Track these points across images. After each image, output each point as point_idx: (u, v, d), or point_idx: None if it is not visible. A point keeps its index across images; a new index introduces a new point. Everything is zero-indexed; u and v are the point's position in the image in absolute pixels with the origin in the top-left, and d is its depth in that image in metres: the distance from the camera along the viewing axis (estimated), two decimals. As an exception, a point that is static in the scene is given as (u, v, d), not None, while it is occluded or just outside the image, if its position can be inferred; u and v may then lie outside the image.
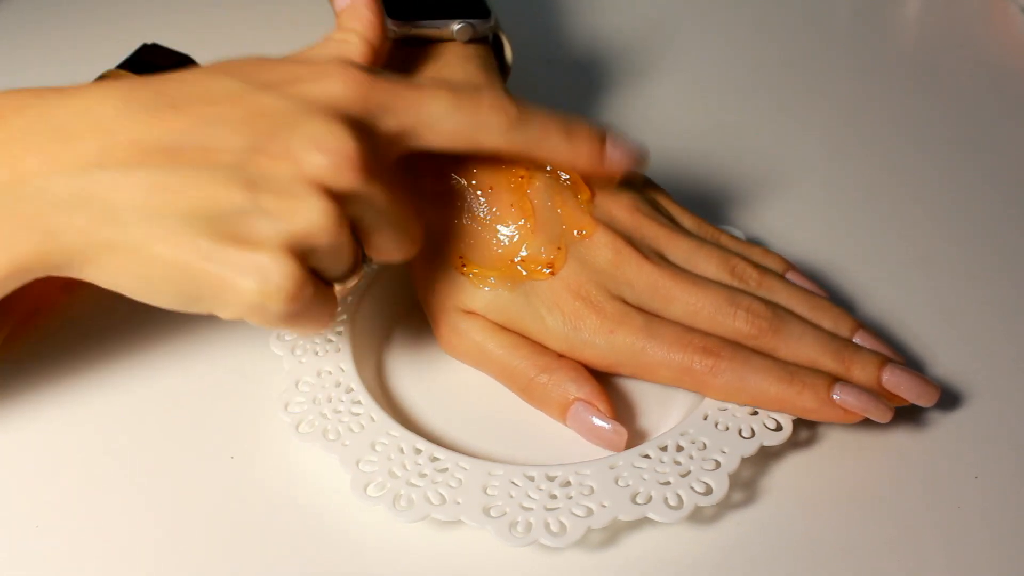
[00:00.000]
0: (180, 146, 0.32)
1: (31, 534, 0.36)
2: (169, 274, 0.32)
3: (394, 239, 0.36)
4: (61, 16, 0.66)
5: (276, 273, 0.32)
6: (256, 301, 0.32)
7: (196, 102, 0.33)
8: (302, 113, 0.33)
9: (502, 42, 0.47)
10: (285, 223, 0.32)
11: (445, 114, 0.35)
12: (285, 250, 0.32)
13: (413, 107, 0.35)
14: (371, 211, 0.34)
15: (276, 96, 0.33)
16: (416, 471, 0.36)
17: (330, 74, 0.34)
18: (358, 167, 0.32)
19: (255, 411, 0.40)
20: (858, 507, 0.37)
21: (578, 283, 0.39)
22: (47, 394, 0.41)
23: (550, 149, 0.38)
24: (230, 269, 0.32)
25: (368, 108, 0.34)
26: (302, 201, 0.32)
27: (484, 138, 0.36)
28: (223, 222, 0.32)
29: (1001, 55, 0.64)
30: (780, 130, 0.57)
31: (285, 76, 0.34)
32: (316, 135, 0.32)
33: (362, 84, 0.34)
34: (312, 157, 0.32)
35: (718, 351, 0.37)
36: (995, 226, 0.50)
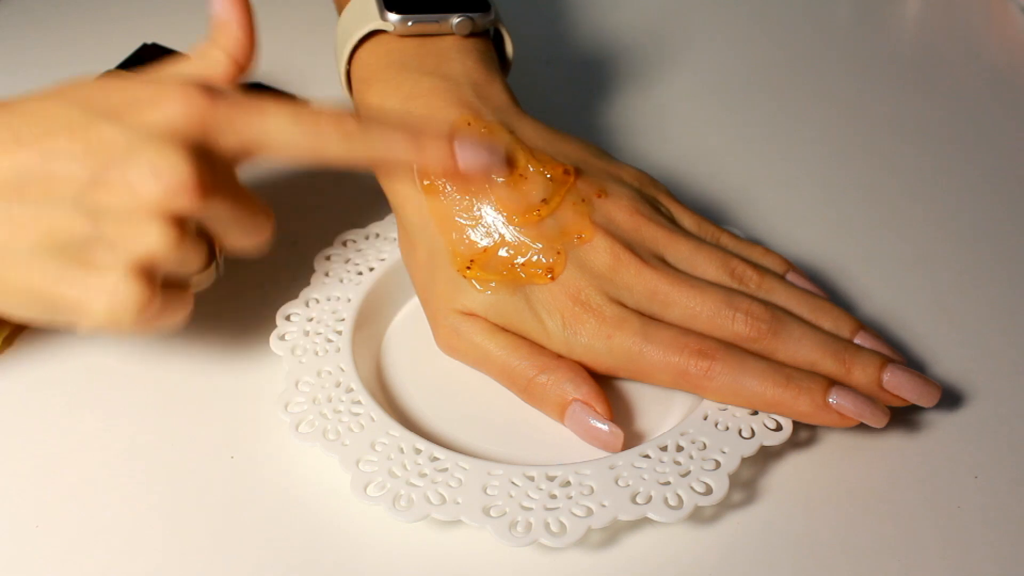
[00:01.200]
0: (24, 180, 0.33)
1: (31, 534, 0.36)
2: (28, 297, 0.35)
3: (243, 236, 0.37)
4: (61, 16, 0.66)
5: (123, 293, 0.34)
6: (108, 318, 0.34)
7: (38, 135, 0.34)
8: (139, 141, 0.34)
9: (503, 36, 0.46)
10: (126, 248, 0.34)
11: (284, 128, 0.36)
12: (129, 271, 0.34)
13: (253, 124, 0.36)
14: (216, 219, 0.36)
15: (114, 125, 0.34)
16: (416, 471, 0.36)
17: (169, 99, 0.35)
18: (193, 191, 0.34)
19: (255, 411, 0.40)
20: (858, 507, 0.37)
21: (577, 287, 0.39)
22: (47, 394, 0.41)
23: (397, 155, 0.38)
24: (81, 291, 0.34)
25: (206, 128, 0.35)
26: (140, 227, 0.34)
27: (327, 150, 0.37)
28: (70, 250, 0.34)
29: (1001, 55, 0.64)
30: (780, 130, 0.57)
31: (126, 101, 0.35)
32: (151, 164, 0.33)
33: (198, 106, 0.35)
34: (148, 185, 0.33)
35: (714, 354, 0.38)
36: (995, 226, 0.50)
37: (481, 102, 0.42)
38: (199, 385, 0.42)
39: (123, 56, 0.50)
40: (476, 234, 0.40)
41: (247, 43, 0.39)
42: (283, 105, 0.36)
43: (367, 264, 0.44)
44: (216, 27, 0.39)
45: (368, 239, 0.46)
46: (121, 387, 0.41)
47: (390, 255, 0.45)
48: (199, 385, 0.42)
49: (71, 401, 0.41)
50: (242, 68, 0.39)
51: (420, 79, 0.43)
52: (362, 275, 0.44)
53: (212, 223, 0.36)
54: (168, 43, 0.51)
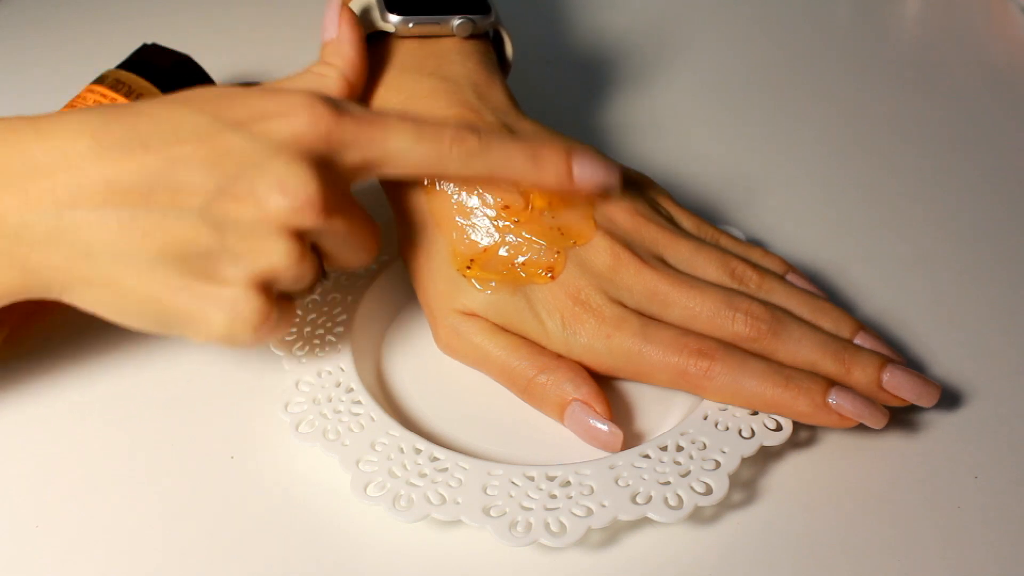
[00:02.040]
0: (150, 187, 0.33)
1: (31, 534, 0.36)
2: (143, 307, 0.34)
3: (353, 256, 0.38)
4: (61, 16, 0.66)
5: (244, 307, 0.34)
6: (226, 332, 0.35)
7: (165, 141, 0.34)
8: (266, 154, 0.34)
9: (503, 38, 0.47)
10: (250, 263, 0.34)
11: (408, 147, 0.36)
12: (251, 285, 0.34)
13: (376, 141, 0.36)
14: (331, 238, 0.36)
15: (242, 135, 0.34)
16: (416, 471, 0.36)
17: (295, 111, 0.35)
18: (318, 208, 0.34)
19: (255, 411, 0.40)
20: (858, 507, 0.37)
21: (577, 287, 0.39)
22: (47, 394, 0.41)
23: (516, 174, 0.38)
24: (201, 303, 0.34)
25: (331, 144, 0.35)
26: (266, 242, 0.34)
27: (447, 168, 0.37)
28: (193, 260, 0.34)
29: (1001, 55, 0.64)
30: (780, 130, 0.57)
31: (252, 112, 0.35)
32: (278, 178, 0.34)
33: (326, 121, 0.35)
34: (275, 200, 0.33)
35: (713, 354, 0.38)
36: (995, 226, 0.50)
37: (481, 103, 0.42)
38: (199, 385, 0.42)
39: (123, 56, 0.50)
40: (476, 234, 0.40)
41: (359, 62, 0.40)
42: (406, 122, 0.36)
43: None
44: (327, 47, 0.40)
45: (368, 239, 0.46)
46: (121, 387, 0.41)
47: (390, 255, 0.45)
48: (199, 385, 0.42)
49: (71, 401, 0.41)
50: (354, 88, 0.40)
51: (421, 80, 0.43)
52: (362, 275, 0.44)
53: (326, 239, 0.36)
54: (168, 43, 0.51)
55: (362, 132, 0.36)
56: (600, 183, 0.39)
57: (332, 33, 0.41)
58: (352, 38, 0.40)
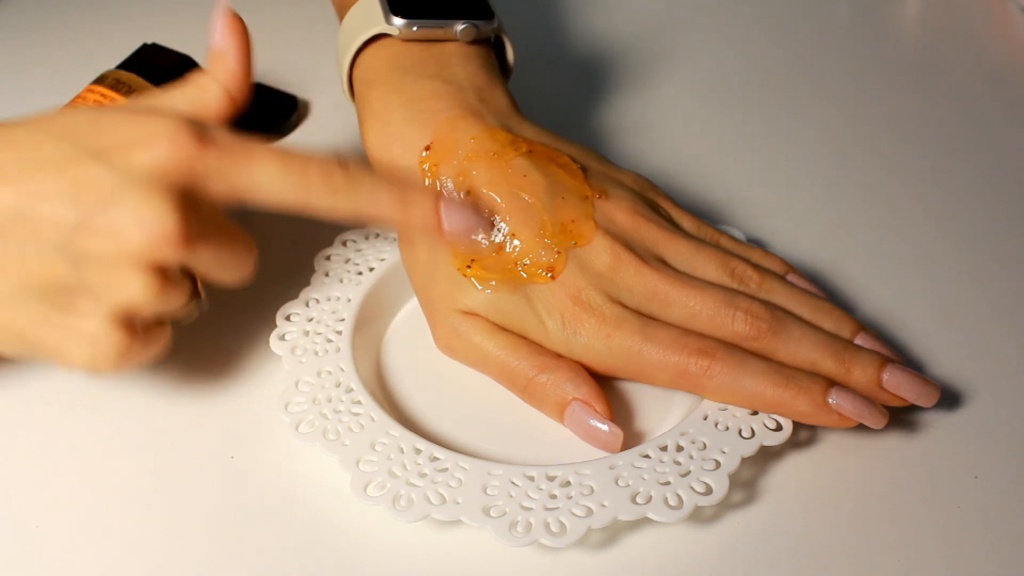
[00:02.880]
0: (9, 220, 0.33)
1: (31, 534, 0.36)
2: (9, 337, 0.35)
3: (227, 275, 0.37)
4: (61, 16, 0.66)
5: (103, 342, 0.34)
6: (88, 364, 0.35)
7: (26, 170, 0.33)
8: (125, 186, 0.33)
9: (504, 43, 0.47)
10: (108, 297, 0.34)
11: (272, 178, 0.35)
12: (110, 319, 0.34)
13: (241, 171, 0.35)
14: (200, 263, 0.36)
15: (102, 166, 0.33)
16: (416, 471, 0.36)
17: (158, 138, 0.34)
18: (177, 241, 0.34)
19: (255, 411, 0.40)
20: (858, 507, 0.37)
21: (577, 287, 0.39)
22: (47, 394, 0.41)
23: (382, 212, 0.37)
24: (62, 336, 0.34)
25: (193, 174, 0.34)
26: (124, 277, 0.34)
27: (313, 201, 0.36)
28: (52, 294, 0.34)
29: (1001, 55, 0.64)
30: (780, 130, 0.57)
31: (115, 140, 0.34)
32: (137, 211, 0.33)
33: (187, 149, 0.34)
34: (132, 234, 0.33)
35: (713, 352, 0.38)
36: (995, 226, 0.50)
37: (483, 106, 0.42)
38: (199, 385, 0.42)
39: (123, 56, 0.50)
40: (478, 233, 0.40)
41: (243, 76, 0.38)
42: (272, 153, 0.36)
43: (367, 264, 0.45)
44: (212, 57, 0.38)
45: (368, 239, 0.46)
46: (121, 387, 0.41)
47: (390, 255, 0.45)
48: (199, 385, 0.42)
49: (71, 401, 0.41)
50: (236, 102, 0.39)
51: (423, 83, 0.43)
52: (362, 275, 0.44)
53: (196, 267, 0.36)
54: (168, 43, 0.51)
55: (225, 162, 0.35)
56: (468, 229, 0.38)
57: (216, 39, 0.38)
58: (237, 49, 0.38)
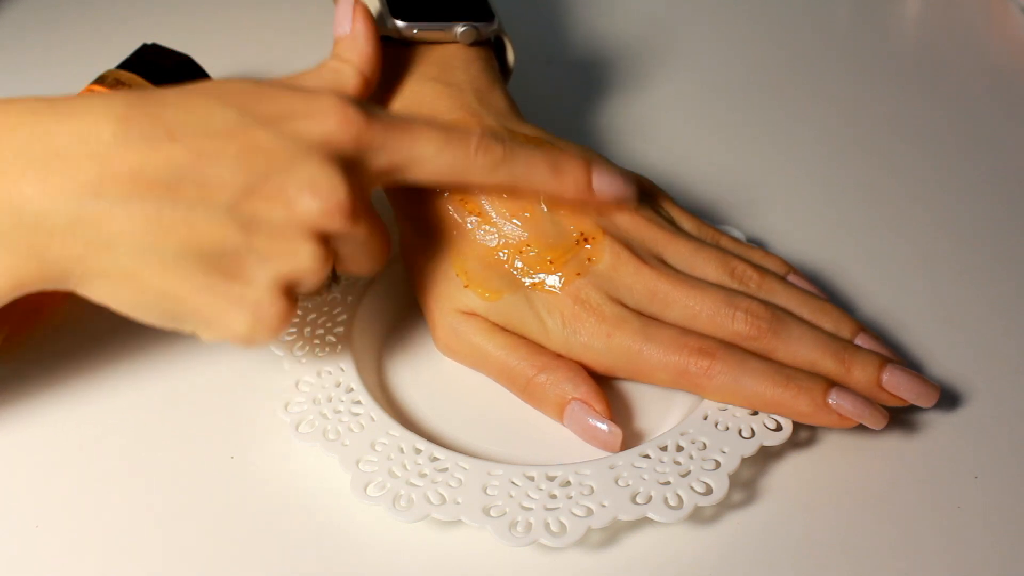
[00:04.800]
0: (177, 180, 0.32)
1: (31, 534, 0.36)
2: (161, 303, 0.33)
3: (366, 262, 0.37)
4: (61, 16, 0.66)
5: (268, 310, 0.34)
6: (247, 333, 0.34)
7: (194, 133, 0.33)
8: (297, 154, 0.33)
9: (504, 44, 0.47)
10: (277, 265, 0.33)
11: (434, 154, 0.36)
12: (276, 288, 0.34)
13: (404, 146, 0.36)
14: (351, 244, 0.35)
15: (272, 133, 0.33)
16: (416, 471, 0.36)
17: (325, 112, 0.34)
18: (347, 212, 0.34)
19: (255, 411, 0.40)
20: (858, 507, 0.37)
21: (577, 287, 0.39)
22: (47, 394, 0.41)
23: (537, 184, 0.38)
24: (223, 303, 0.33)
25: (360, 148, 0.35)
26: (294, 244, 0.33)
27: (471, 176, 0.37)
28: (218, 259, 0.33)
29: (1001, 55, 0.64)
30: (780, 130, 0.57)
31: (282, 110, 0.34)
32: (310, 179, 0.33)
33: (356, 123, 0.35)
34: (305, 202, 0.33)
35: (714, 352, 0.38)
36: (995, 226, 0.50)
37: (483, 108, 0.42)
38: (199, 385, 0.42)
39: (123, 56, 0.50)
40: (478, 234, 0.40)
41: (375, 57, 0.39)
42: (433, 128, 0.36)
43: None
44: (341, 42, 0.39)
45: (368, 239, 0.46)
46: (121, 387, 0.41)
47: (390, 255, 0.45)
48: (199, 385, 0.42)
49: (71, 401, 0.41)
50: (370, 83, 0.39)
51: (424, 85, 0.43)
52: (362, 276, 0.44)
53: (346, 245, 0.35)
54: (168, 43, 0.51)
55: (390, 137, 0.35)
56: (618, 195, 0.39)
57: (346, 29, 0.40)
58: (367, 33, 0.39)
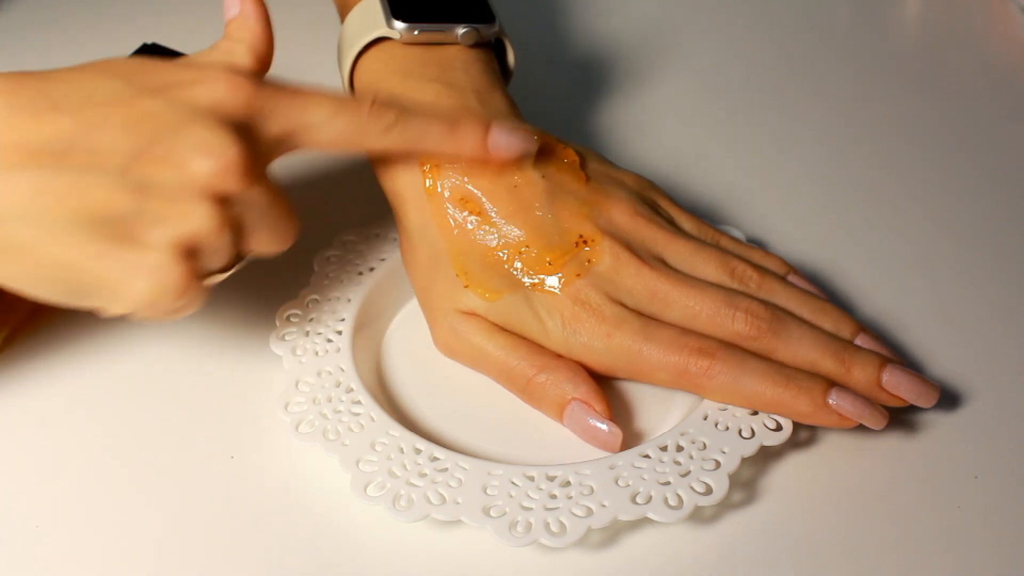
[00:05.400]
0: (65, 148, 0.32)
1: (31, 534, 0.36)
2: (59, 274, 0.33)
3: (270, 237, 0.36)
4: (61, 16, 0.66)
5: (167, 274, 0.33)
6: (149, 300, 0.33)
7: (80, 104, 0.32)
8: (187, 118, 0.33)
9: (505, 46, 0.47)
10: (174, 226, 0.33)
11: (327, 119, 0.36)
12: (174, 251, 0.33)
13: (295, 112, 0.35)
14: (251, 212, 0.35)
15: (160, 100, 0.33)
16: (416, 471, 0.36)
17: (214, 79, 0.34)
18: (242, 172, 0.33)
19: (255, 411, 0.40)
20: (858, 507, 0.37)
21: (577, 287, 0.39)
22: (47, 394, 0.41)
23: (432, 145, 0.38)
24: (122, 270, 0.32)
25: (251, 113, 0.34)
26: (189, 205, 0.33)
27: (366, 140, 0.37)
28: (112, 224, 0.32)
29: (1001, 55, 0.64)
30: (780, 130, 0.57)
31: (169, 80, 0.34)
32: (201, 140, 0.33)
33: (245, 89, 0.34)
34: (198, 162, 0.33)
35: (714, 352, 0.38)
36: (995, 226, 0.50)
37: (484, 109, 0.42)
38: (199, 385, 0.42)
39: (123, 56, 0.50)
40: (478, 234, 0.40)
41: (266, 35, 0.39)
42: (325, 95, 0.36)
43: (367, 264, 0.45)
44: (233, 23, 0.38)
45: (368, 239, 0.46)
46: (121, 387, 0.41)
47: (390, 255, 0.45)
48: (199, 385, 0.42)
49: (71, 401, 0.41)
50: (263, 61, 0.39)
51: (424, 86, 0.43)
52: (362, 275, 0.44)
53: (244, 219, 0.35)
54: (168, 43, 0.51)
55: (280, 103, 0.35)
56: (516, 152, 0.39)
57: (235, 11, 0.39)
58: (256, 13, 0.39)
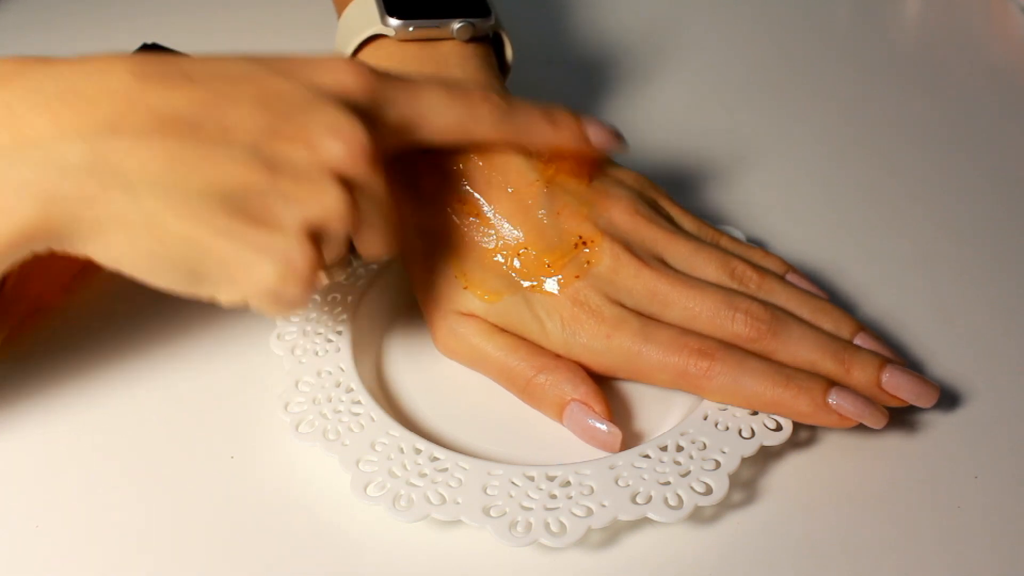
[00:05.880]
0: (198, 119, 0.31)
1: (31, 534, 0.36)
2: (181, 250, 0.31)
3: (381, 235, 0.36)
4: (61, 16, 0.66)
5: (298, 257, 0.32)
6: (274, 284, 0.32)
7: (212, 77, 0.32)
8: (316, 99, 0.33)
9: (502, 40, 0.47)
10: (305, 207, 0.32)
11: (441, 107, 0.37)
12: (304, 233, 0.32)
13: (413, 100, 0.37)
14: (370, 203, 0.34)
15: (291, 81, 0.33)
16: (416, 471, 0.36)
17: (339, 66, 0.35)
18: (370, 156, 0.33)
19: (255, 411, 0.40)
20: (858, 507, 0.37)
21: (576, 289, 0.39)
22: (47, 394, 0.41)
23: (537, 135, 0.39)
24: (249, 249, 0.31)
25: (375, 99, 0.35)
26: (320, 187, 0.32)
27: (477, 129, 0.38)
28: (241, 201, 0.31)
29: (1001, 55, 0.64)
30: (780, 130, 0.57)
31: (296, 65, 0.35)
32: (332, 122, 0.33)
33: (368, 76, 0.35)
34: (329, 143, 0.33)
35: (713, 353, 0.38)
36: (995, 226, 0.50)
37: None
38: (199, 385, 0.42)
39: (123, 56, 0.50)
40: (477, 236, 0.40)
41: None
42: (439, 86, 0.37)
43: (367, 264, 0.44)
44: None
45: (368, 239, 0.46)
46: (121, 387, 0.41)
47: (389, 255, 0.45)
48: (199, 385, 0.42)
49: (71, 401, 0.41)
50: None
51: None
52: (362, 275, 0.44)
53: (365, 203, 0.34)
54: (168, 43, 0.51)
55: (400, 91, 0.36)
56: (611, 143, 0.41)
57: None
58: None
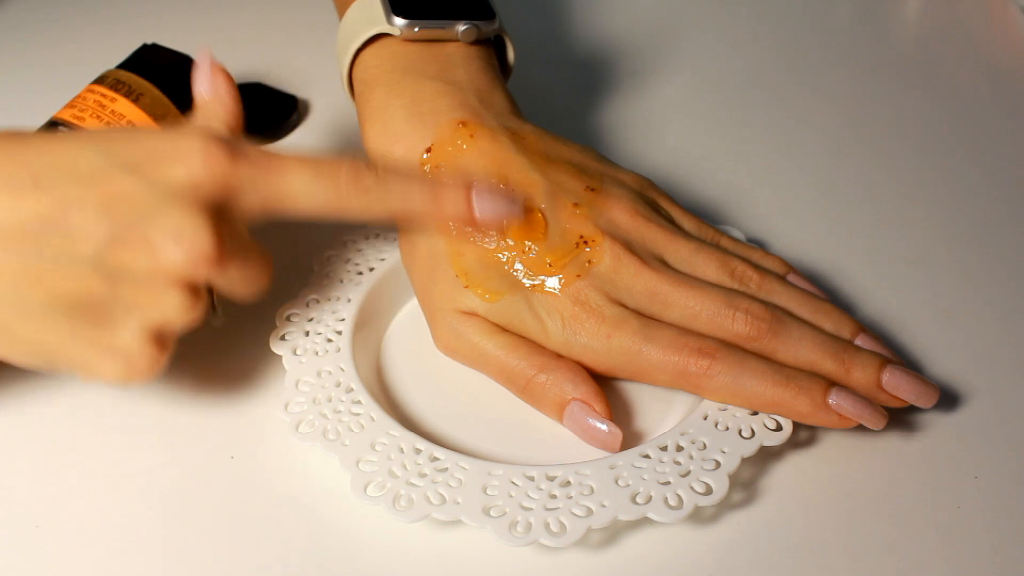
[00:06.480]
0: (42, 230, 0.32)
1: (31, 534, 0.36)
2: (32, 349, 0.34)
3: (245, 291, 0.37)
4: (61, 16, 0.66)
5: (138, 359, 0.34)
6: (119, 379, 0.35)
7: (59, 180, 0.33)
8: (161, 200, 0.33)
9: (505, 43, 0.47)
10: (144, 313, 0.34)
11: (304, 187, 0.35)
12: (145, 336, 0.34)
13: (272, 182, 0.35)
14: (225, 281, 0.36)
15: (137, 179, 0.33)
16: (416, 471, 0.36)
17: (192, 154, 0.34)
18: (212, 260, 0.33)
19: (255, 411, 0.40)
20: (858, 507, 0.37)
21: (577, 289, 0.39)
22: (47, 393, 0.41)
23: (416, 209, 0.37)
24: (94, 350, 0.34)
25: (228, 188, 0.34)
26: (159, 294, 0.34)
27: (347, 206, 0.36)
28: (86, 309, 0.33)
29: (1001, 55, 0.64)
30: (780, 130, 0.57)
31: (147, 152, 0.34)
32: (174, 228, 0.33)
33: (222, 165, 0.34)
34: (169, 251, 0.33)
35: (713, 353, 0.38)
36: (995, 226, 0.50)
37: (484, 107, 0.42)
38: (199, 386, 0.42)
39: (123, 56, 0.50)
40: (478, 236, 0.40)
41: (238, 111, 0.39)
42: (301, 161, 0.36)
43: (367, 264, 0.45)
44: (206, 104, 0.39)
45: (368, 239, 0.46)
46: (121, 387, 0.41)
47: (390, 255, 0.45)
48: (199, 386, 0.42)
49: (71, 402, 0.41)
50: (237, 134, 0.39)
51: (424, 83, 0.43)
52: (362, 275, 0.44)
53: (220, 282, 0.36)
54: (168, 43, 0.51)
55: (259, 174, 0.35)
56: (499, 216, 0.38)
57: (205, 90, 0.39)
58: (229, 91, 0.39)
